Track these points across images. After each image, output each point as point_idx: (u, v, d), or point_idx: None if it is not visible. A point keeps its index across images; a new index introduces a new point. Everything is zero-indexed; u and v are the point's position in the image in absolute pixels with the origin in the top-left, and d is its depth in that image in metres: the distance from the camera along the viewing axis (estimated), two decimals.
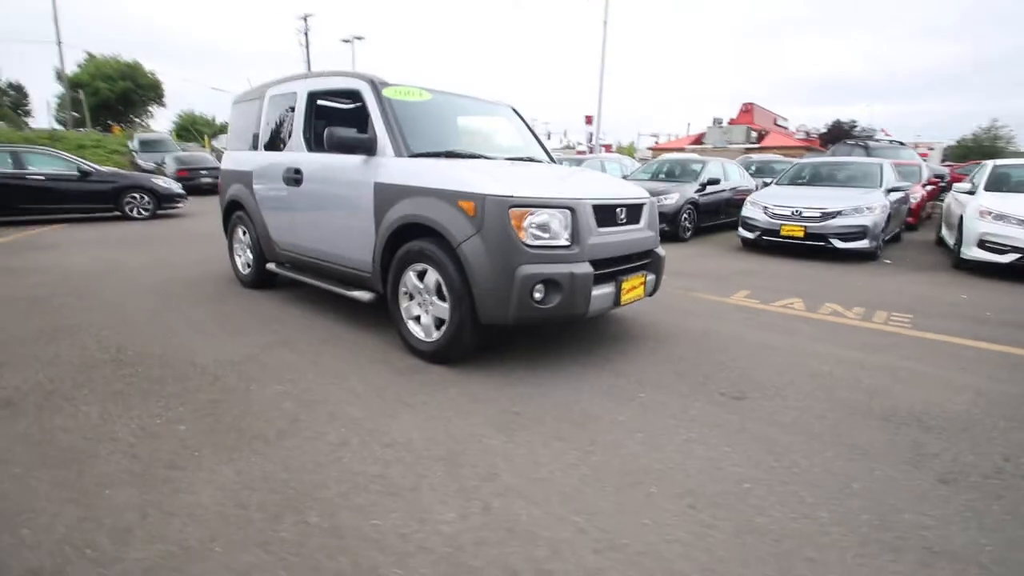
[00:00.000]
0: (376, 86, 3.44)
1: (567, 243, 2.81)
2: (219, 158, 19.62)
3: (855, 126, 32.07)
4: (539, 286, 2.73)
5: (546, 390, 2.77)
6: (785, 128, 34.94)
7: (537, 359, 3.18)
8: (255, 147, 4.55)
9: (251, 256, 4.73)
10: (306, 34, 32.06)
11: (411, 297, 3.18)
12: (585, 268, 2.81)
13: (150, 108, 42.27)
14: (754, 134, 30.81)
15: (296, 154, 3.99)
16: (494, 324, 2.84)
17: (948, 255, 7.26)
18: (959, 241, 6.48)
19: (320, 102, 4.12)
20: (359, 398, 2.64)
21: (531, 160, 3.96)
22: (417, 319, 3.17)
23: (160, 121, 43.90)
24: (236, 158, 4.85)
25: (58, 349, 3.20)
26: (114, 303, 4.26)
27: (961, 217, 6.55)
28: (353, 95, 3.63)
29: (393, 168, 3.21)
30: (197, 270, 5.57)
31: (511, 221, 2.69)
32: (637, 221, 3.34)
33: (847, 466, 2.13)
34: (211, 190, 15.15)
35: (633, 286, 3.20)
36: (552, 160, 4.25)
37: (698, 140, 32.31)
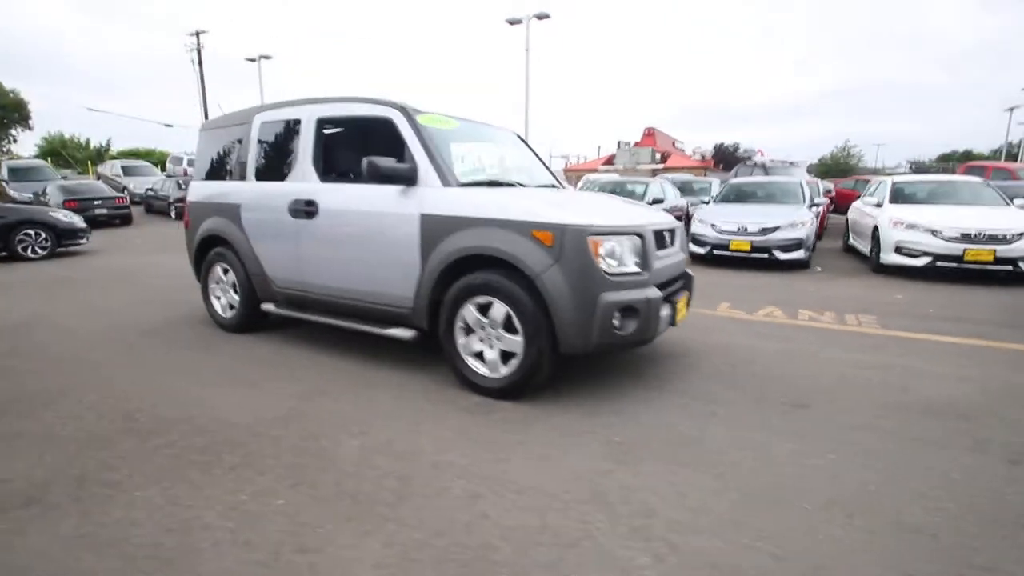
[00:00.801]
0: (410, 114, 3.31)
1: (638, 269, 2.87)
2: (115, 186, 17.67)
3: (737, 148, 35.94)
4: (617, 313, 2.76)
5: (628, 416, 2.78)
6: (682, 150, 38.19)
7: (589, 385, 3.17)
8: (242, 176, 4.15)
9: (236, 297, 4.27)
10: (199, 51, 29.75)
11: (469, 332, 3.05)
12: (655, 292, 2.88)
13: (12, 131, 36.68)
14: (658, 155, 33.36)
15: (306, 184, 3.70)
16: (573, 354, 2.81)
17: (864, 261, 8.31)
18: (876, 248, 7.47)
19: (328, 130, 3.86)
20: (451, 444, 2.47)
21: (555, 186, 4.00)
22: (478, 355, 3.04)
23: (24, 145, 38.12)
24: (213, 189, 4.38)
25: (45, 425, 2.66)
26: (72, 361, 3.64)
27: (875, 227, 7.57)
28: (379, 123, 3.45)
29: (442, 199, 3.08)
30: (143, 315, 4.90)
31: (591, 250, 2.70)
32: (675, 244, 3.49)
33: (934, 458, 2.36)
34: (106, 223, 13.50)
35: (683, 306, 3.32)
36: (563, 185, 4.32)
37: (609, 161, 34.34)
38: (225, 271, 4.35)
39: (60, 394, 3.04)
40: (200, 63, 29.44)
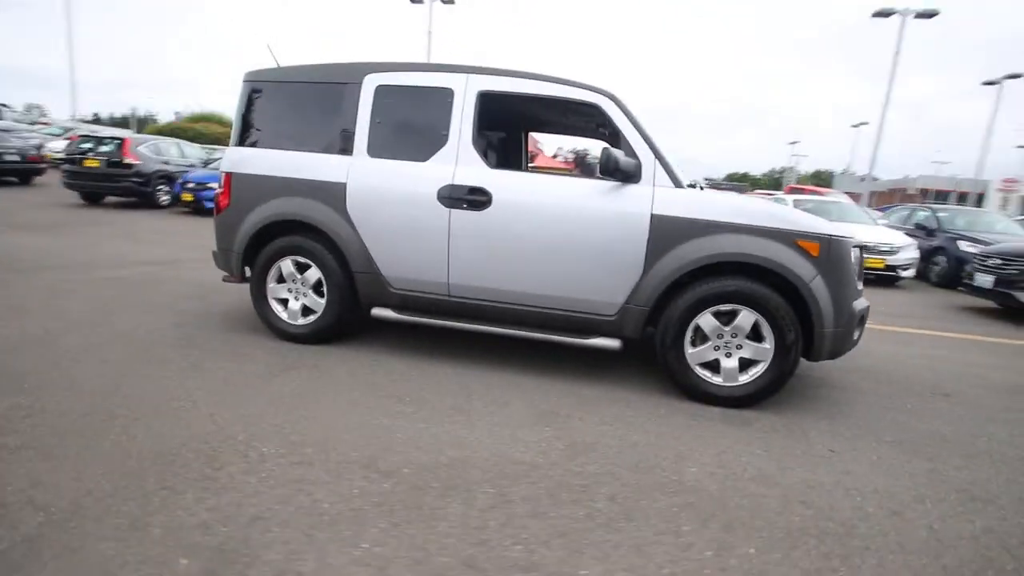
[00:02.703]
0: (622, 102, 3.01)
1: (860, 279, 3.06)
2: None
3: (588, 152, 39.41)
4: (858, 322, 2.92)
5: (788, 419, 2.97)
6: (541, 151, 40.25)
7: (807, 394, 3.30)
8: (344, 150, 3.30)
9: (320, 299, 3.40)
10: None
11: (701, 342, 2.92)
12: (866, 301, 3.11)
13: None
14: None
15: (469, 169, 3.10)
16: (818, 361, 2.90)
17: None
18: None
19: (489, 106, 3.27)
20: (762, 459, 2.36)
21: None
22: (713, 365, 2.92)
23: None
24: (286, 160, 3.39)
25: (132, 461, 1.85)
26: (83, 378, 2.58)
27: None
28: (577, 105, 3.08)
29: (679, 200, 2.88)
30: (136, 323, 3.64)
31: (853, 260, 2.81)
32: None
33: None
34: None
35: None
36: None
37: None
38: (302, 267, 3.43)
39: (110, 416, 2.12)
40: None
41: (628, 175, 2.89)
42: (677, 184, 2.93)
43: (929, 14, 13.99)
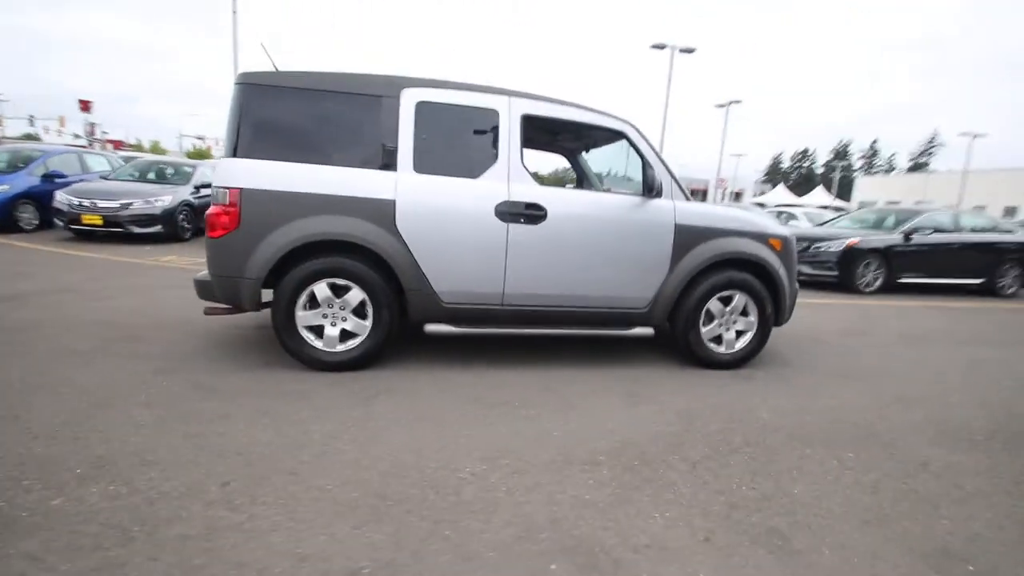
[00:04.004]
0: (641, 131, 3.61)
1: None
2: None
3: None
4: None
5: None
6: None
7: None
8: (386, 165, 3.20)
9: (365, 322, 3.26)
10: None
11: (708, 321, 3.74)
12: None
13: None
14: None
15: (522, 186, 3.35)
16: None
17: None
18: None
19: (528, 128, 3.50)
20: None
21: None
22: (718, 339, 3.77)
23: None
24: (311, 175, 3.12)
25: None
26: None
27: None
28: (604, 132, 3.59)
29: (692, 211, 3.62)
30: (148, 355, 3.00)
31: (796, 251, 3.93)
32: None
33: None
34: None
35: None
36: None
37: None
38: (340, 290, 3.22)
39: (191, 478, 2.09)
40: None
41: (659, 192, 3.53)
42: (688, 198, 3.68)
43: (690, 50, 17.98)
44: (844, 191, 55.32)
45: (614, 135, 3.65)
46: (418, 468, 2.20)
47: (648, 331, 3.68)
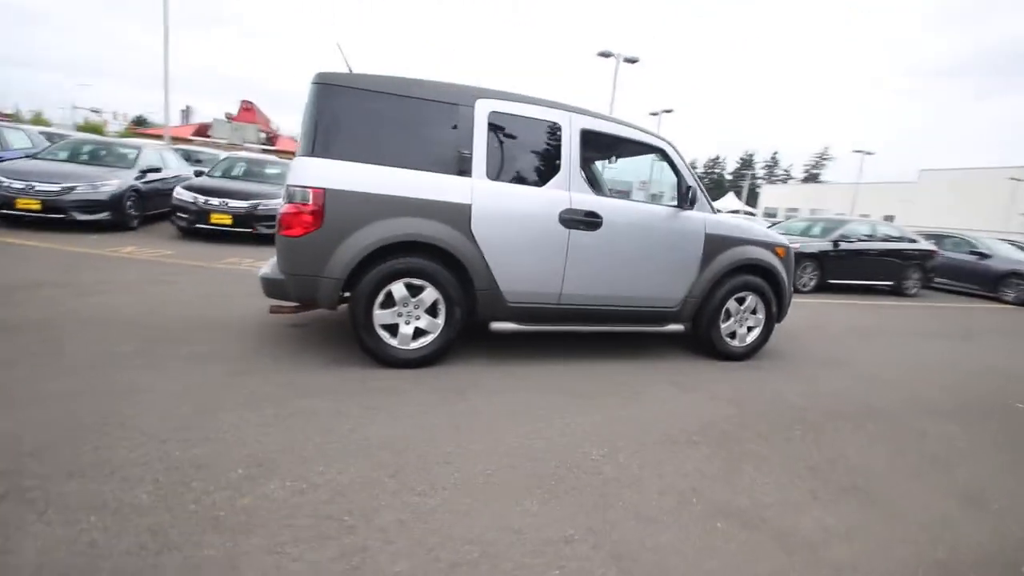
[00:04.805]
0: (678, 148, 4.02)
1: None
2: None
3: None
4: None
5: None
6: (277, 132, 36.29)
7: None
8: (461, 171, 3.36)
9: (438, 320, 3.41)
10: None
11: (726, 319, 4.25)
12: None
13: None
14: (263, 135, 30.85)
15: (583, 195, 3.64)
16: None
17: None
18: None
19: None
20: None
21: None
22: (732, 334, 4.29)
23: None
24: (391, 178, 3.21)
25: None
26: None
27: None
28: (646, 148, 3.98)
29: (718, 221, 4.11)
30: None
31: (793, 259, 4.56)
32: None
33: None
34: None
35: None
36: None
37: (202, 132, 29.13)
38: (414, 290, 3.34)
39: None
40: None
41: (693, 203, 3.96)
42: (715, 211, 4.16)
43: (633, 60, 19.03)
44: (750, 198, 60.49)
45: (654, 150, 4.05)
46: (551, 452, 2.44)
47: (679, 327, 4.13)
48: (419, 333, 3.41)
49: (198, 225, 7.99)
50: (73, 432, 2.21)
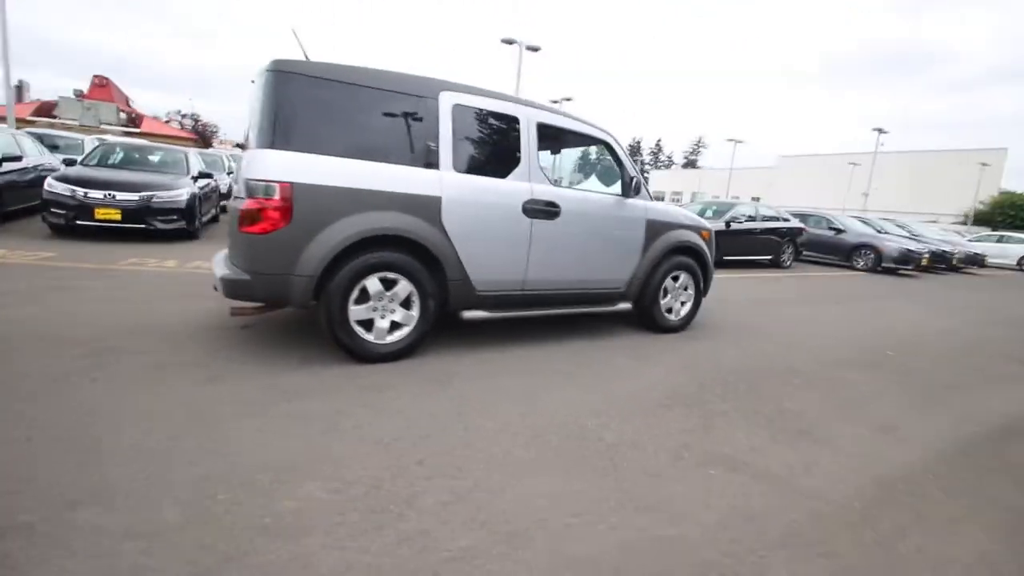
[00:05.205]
0: (619, 141, 4.34)
1: None
2: None
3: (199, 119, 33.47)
4: None
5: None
6: (141, 113, 32.09)
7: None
8: (428, 164, 3.38)
9: (413, 312, 3.43)
10: None
11: (664, 296, 4.70)
12: None
13: None
14: (123, 115, 27.11)
15: (542, 186, 3.82)
16: None
17: None
18: None
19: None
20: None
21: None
22: (669, 310, 4.76)
23: None
24: (358, 170, 3.16)
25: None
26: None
27: None
28: (592, 140, 4.25)
29: (656, 208, 4.52)
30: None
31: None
32: None
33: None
34: None
35: None
36: None
37: (44, 111, 24.85)
38: (388, 283, 3.33)
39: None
40: None
41: (638, 192, 4.32)
42: (653, 198, 4.56)
43: (536, 48, 19.49)
44: None
45: (599, 143, 4.33)
46: (552, 427, 2.63)
47: (628, 306, 4.51)
48: (394, 327, 3.41)
49: (78, 222, 7.00)
50: (51, 462, 1.99)
